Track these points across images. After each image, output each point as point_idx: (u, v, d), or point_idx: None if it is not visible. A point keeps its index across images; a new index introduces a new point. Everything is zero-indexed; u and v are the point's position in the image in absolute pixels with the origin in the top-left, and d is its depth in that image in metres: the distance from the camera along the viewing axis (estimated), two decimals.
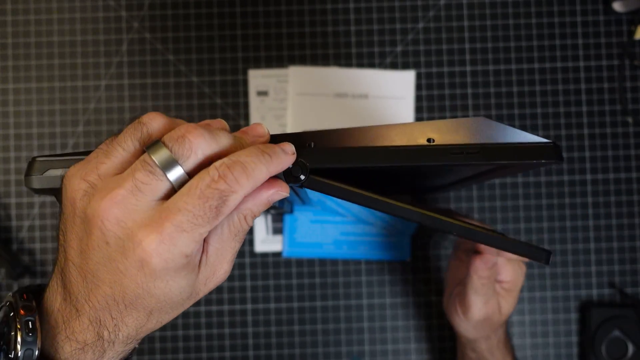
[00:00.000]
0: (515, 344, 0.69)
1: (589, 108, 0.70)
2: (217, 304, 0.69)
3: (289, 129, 0.69)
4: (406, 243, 0.70)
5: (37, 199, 0.69)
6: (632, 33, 0.70)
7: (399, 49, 0.70)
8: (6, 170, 0.69)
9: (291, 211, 0.69)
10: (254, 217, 0.32)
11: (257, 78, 0.70)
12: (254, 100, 0.70)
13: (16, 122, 0.69)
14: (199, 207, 0.28)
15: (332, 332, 0.69)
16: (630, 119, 0.70)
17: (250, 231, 0.69)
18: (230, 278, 0.69)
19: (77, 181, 0.30)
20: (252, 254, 0.69)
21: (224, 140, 0.30)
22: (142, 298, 0.29)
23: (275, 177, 0.32)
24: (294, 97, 0.69)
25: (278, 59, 0.70)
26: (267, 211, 0.65)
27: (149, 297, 0.29)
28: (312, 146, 0.34)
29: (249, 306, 0.69)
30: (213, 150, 0.29)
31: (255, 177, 0.29)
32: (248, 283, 0.69)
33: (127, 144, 0.30)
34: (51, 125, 0.69)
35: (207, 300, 0.69)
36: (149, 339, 0.68)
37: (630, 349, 0.67)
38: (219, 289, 0.69)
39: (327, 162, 0.33)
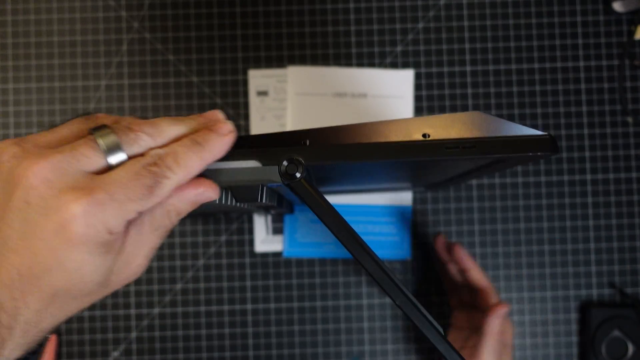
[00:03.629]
0: (515, 344, 0.69)
1: (589, 108, 0.70)
2: (217, 304, 0.69)
3: (289, 129, 0.69)
4: (406, 242, 0.70)
5: None
6: (632, 33, 0.70)
7: (398, 48, 0.70)
8: None
9: (291, 211, 0.69)
10: (179, 215, 0.32)
11: (257, 78, 0.70)
12: (253, 100, 0.70)
13: (16, 122, 0.69)
14: (134, 182, 0.28)
15: (332, 332, 0.69)
16: (630, 119, 0.70)
17: (250, 231, 0.69)
18: (230, 278, 0.69)
19: (9, 144, 0.29)
20: (252, 254, 0.69)
21: (168, 132, 0.31)
22: (50, 272, 0.28)
23: (205, 177, 0.32)
24: (293, 97, 0.69)
25: (278, 59, 0.70)
26: (267, 211, 0.65)
27: (58, 271, 0.28)
28: (307, 144, 0.34)
29: (249, 306, 0.69)
30: (157, 143, 0.30)
31: (187, 165, 0.30)
32: (248, 283, 0.69)
33: (73, 125, 0.30)
34: (51, 125, 0.69)
35: (207, 300, 0.69)
36: (149, 339, 0.68)
37: (630, 349, 0.67)
38: (219, 289, 0.69)
39: (322, 159, 0.33)
